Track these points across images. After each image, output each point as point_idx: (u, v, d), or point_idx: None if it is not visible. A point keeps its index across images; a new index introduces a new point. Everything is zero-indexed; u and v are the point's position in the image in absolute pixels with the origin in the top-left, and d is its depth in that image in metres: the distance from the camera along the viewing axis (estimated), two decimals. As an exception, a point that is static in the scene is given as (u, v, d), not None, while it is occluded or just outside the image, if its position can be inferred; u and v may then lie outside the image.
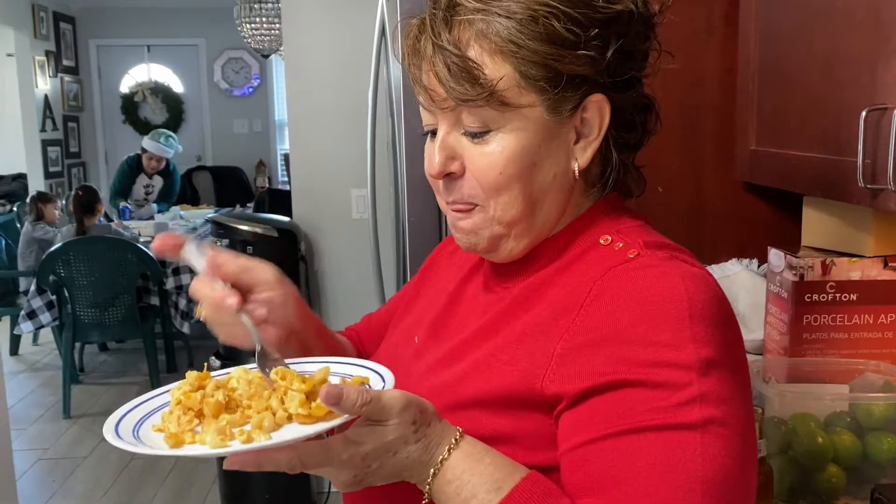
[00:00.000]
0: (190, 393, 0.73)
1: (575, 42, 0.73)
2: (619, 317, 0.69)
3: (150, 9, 7.64)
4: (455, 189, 0.79)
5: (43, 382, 4.70)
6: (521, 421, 0.72)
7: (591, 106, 0.76)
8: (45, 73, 7.00)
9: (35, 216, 4.84)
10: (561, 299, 0.75)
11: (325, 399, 0.63)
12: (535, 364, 0.72)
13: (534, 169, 0.76)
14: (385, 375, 0.74)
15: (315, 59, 3.09)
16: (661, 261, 0.73)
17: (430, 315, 0.91)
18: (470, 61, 0.72)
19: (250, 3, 4.65)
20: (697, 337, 0.67)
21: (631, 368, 0.67)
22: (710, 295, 0.71)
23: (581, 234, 0.80)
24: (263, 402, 0.71)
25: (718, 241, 1.58)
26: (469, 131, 0.76)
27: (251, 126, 8.00)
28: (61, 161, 7.30)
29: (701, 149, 1.58)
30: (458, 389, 0.76)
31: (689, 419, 0.65)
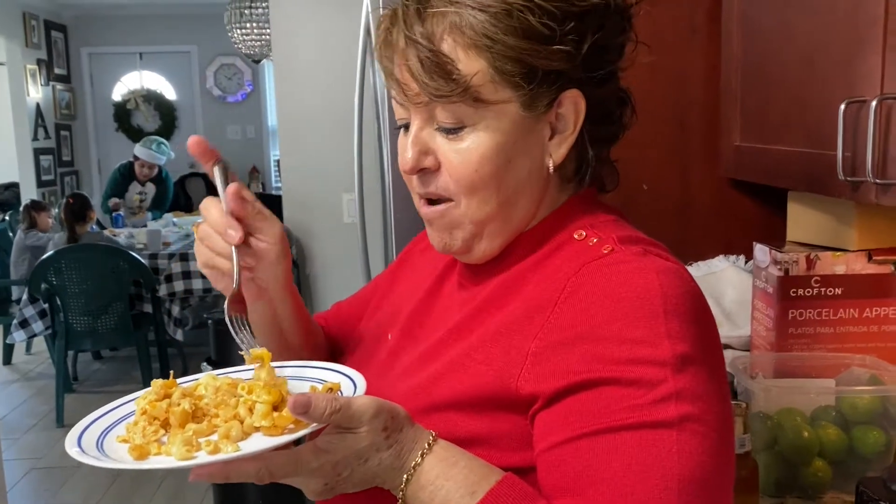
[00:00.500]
0: (155, 402, 0.71)
1: (550, 36, 0.71)
2: (594, 314, 0.69)
3: (141, 16, 7.63)
4: (430, 183, 0.78)
5: (36, 391, 4.68)
6: (496, 422, 0.71)
7: (567, 101, 0.75)
8: (36, 81, 6.99)
9: (28, 224, 4.82)
10: (535, 296, 0.74)
11: (293, 409, 0.62)
12: (509, 363, 0.71)
13: (508, 166, 0.75)
14: (357, 381, 0.73)
15: (304, 64, 3.09)
16: (635, 256, 0.72)
17: (404, 312, 0.90)
18: (443, 56, 0.71)
19: (240, 8, 4.64)
20: (672, 333, 0.67)
21: (606, 366, 0.67)
22: (685, 290, 0.70)
23: (556, 229, 0.79)
24: (231, 410, 0.69)
25: (705, 238, 1.58)
26: (443, 127, 0.75)
27: (244, 132, 7.99)
28: (54, 169, 7.29)
29: (686, 146, 1.58)
30: (432, 391, 0.75)
31: (665, 417, 0.65)
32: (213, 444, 0.65)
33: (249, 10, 4.62)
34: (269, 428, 0.66)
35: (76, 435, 0.69)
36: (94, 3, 7.40)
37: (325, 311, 1.09)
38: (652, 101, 1.59)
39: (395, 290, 0.98)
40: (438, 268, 0.91)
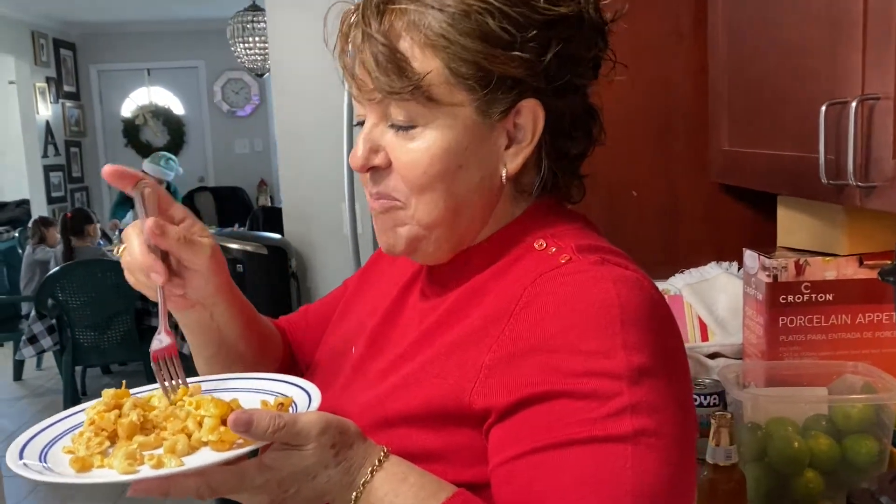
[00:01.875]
0: (104, 413, 0.70)
1: (509, 42, 0.69)
2: (548, 325, 0.67)
3: (149, 32, 7.70)
4: (380, 182, 0.76)
5: (44, 407, 4.69)
6: (451, 437, 0.70)
7: (525, 111, 0.73)
8: (46, 99, 7.06)
9: (38, 239, 4.86)
10: (492, 308, 0.72)
11: (233, 426, 0.60)
12: (463, 377, 0.70)
13: (459, 171, 0.73)
14: (312, 394, 0.71)
15: (301, 76, 3.09)
16: (592, 265, 0.71)
17: (369, 324, 0.88)
18: (397, 53, 0.70)
19: (242, 22, 4.67)
20: (629, 343, 0.65)
21: (559, 378, 0.65)
22: (644, 299, 0.68)
23: (515, 239, 0.78)
24: (179, 423, 0.68)
25: (696, 245, 1.56)
26: (395, 124, 0.73)
27: (252, 145, 8.03)
28: (64, 186, 7.35)
29: (674, 151, 1.56)
30: (386, 405, 0.74)
31: (619, 431, 0.63)
32: (157, 458, 0.64)
33: (252, 25, 4.64)
34: (217, 443, 0.65)
35: (19, 446, 0.67)
36: (102, 21, 7.48)
37: (291, 315, 1.07)
38: (639, 106, 1.58)
39: (362, 299, 0.96)
40: (404, 278, 0.89)
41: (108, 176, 0.78)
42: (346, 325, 0.94)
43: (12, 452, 0.66)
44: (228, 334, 0.88)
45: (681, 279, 1.51)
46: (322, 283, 3.21)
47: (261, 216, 5.36)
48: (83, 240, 4.46)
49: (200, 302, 0.83)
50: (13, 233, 6.20)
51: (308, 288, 3.21)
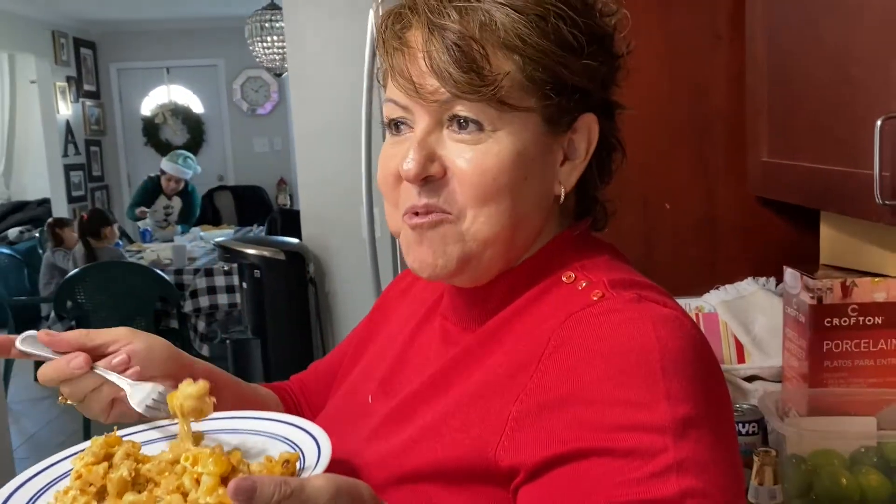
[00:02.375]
0: (92, 465, 0.63)
1: (579, 49, 0.67)
2: (581, 373, 0.61)
3: (168, 31, 7.69)
4: (433, 193, 0.68)
5: (65, 408, 4.54)
6: (475, 495, 0.63)
7: (582, 126, 0.70)
8: (66, 98, 7.08)
9: (54, 242, 4.86)
10: (518, 350, 0.66)
11: (233, 495, 0.53)
12: (487, 430, 0.63)
13: (524, 183, 0.68)
14: (322, 445, 0.64)
15: (319, 76, 3.04)
16: (628, 303, 0.64)
17: (381, 368, 0.81)
18: (476, 44, 0.64)
19: (261, 21, 4.62)
20: (672, 393, 0.58)
21: (596, 434, 0.58)
22: (686, 342, 0.62)
23: (544, 269, 0.72)
24: (175, 480, 0.61)
25: (732, 260, 1.48)
26: (460, 124, 0.67)
27: (272, 144, 8.01)
28: (84, 185, 7.37)
29: (711, 161, 1.48)
30: (403, 460, 0.67)
31: (665, 493, 0.56)
32: None
33: (269, 24, 4.59)
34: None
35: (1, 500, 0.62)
36: (121, 20, 7.48)
37: (302, 373, 1.02)
38: (673, 113, 1.50)
39: (374, 341, 0.90)
40: (419, 313, 0.83)
41: None
42: (357, 371, 0.88)
43: None
44: None
45: (716, 296, 1.43)
46: (340, 288, 3.16)
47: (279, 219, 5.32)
48: (101, 241, 4.45)
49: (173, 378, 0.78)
50: (34, 232, 6.22)
51: (326, 293, 3.16)
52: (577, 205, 0.75)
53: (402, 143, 0.70)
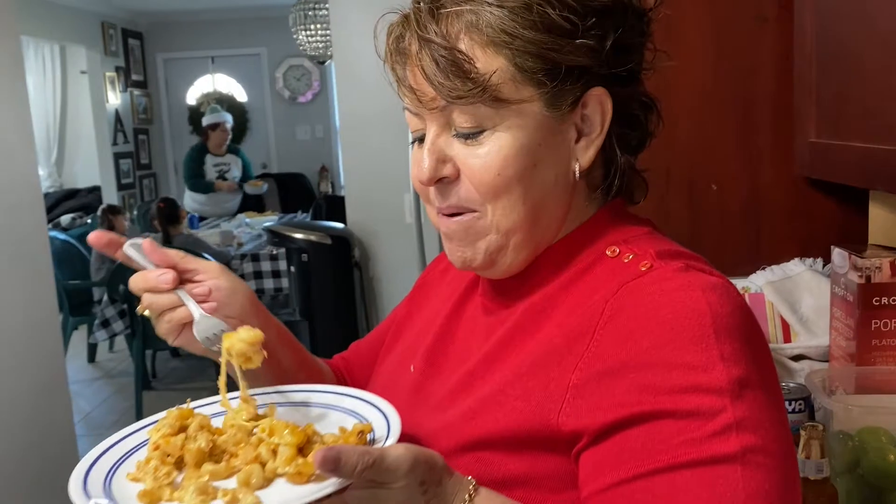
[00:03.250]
0: (169, 436, 0.66)
1: (571, 31, 0.68)
2: (638, 339, 0.63)
3: (213, 21, 7.82)
4: (450, 194, 0.73)
5: (118, 389, 4.85)
6: (536, 461, 0.66)
7: (592, 101, 0.71)
8: (115, 88, 7.24)
9: (106, 228, 5.00)
10: (572, 322, 0.69)
11: (320, 465, 0.55)
12: (548, 398, 0.66)
13: (534, 170, 0.70)
14: (391, 418, 0.67)
15: (364, 63, 3.08)
16: (677, 272, 0.67)
17: (425, 341, 0.84)
18: (459, 53, 0.67)
19: (304, 10, 4.69)
20: (726, 355, 0.61)
21: (657, 397, 0.61)
22: (734, 306, 0.65)
23: (585, 244, 0.74)
24: (252, 451, 0.64)
25: (779, 240, 1.49)
26: (461, 132, 0.70)
27: (313, 132, 8.09)
28: (133, 173, 7.54)
29: (757, 142, 1.49)
30: (466, 429, 0.70)
31: (727, 450, 0.59)
32: (231, 493, 0.60)
33: (313, 12, 4.65)
34: (293, 475, 0.61)
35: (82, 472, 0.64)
36: (168, 10, 7.63)
37: (344, 353, 1.05)
38: (720, 95, 1.51)
39: (415, 317, 0.93)
40: (458, 290, 0.86)
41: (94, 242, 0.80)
42: (400, 347, 0.91)
43: (76, 483, 0.63)
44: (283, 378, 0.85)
45: (762, 276, 1.44)
46: (384, 272, 3.22)
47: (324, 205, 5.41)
48: (177, 227, 4.54)
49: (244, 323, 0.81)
50: (86, 219, 6.40)
51: (370, 277, 3.22)
52: (604, 178, 0.76)
53: (422, 151, 0.73)
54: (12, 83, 2.39)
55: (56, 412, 2.55)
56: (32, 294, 2.46)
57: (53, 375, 2.55)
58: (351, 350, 1.04)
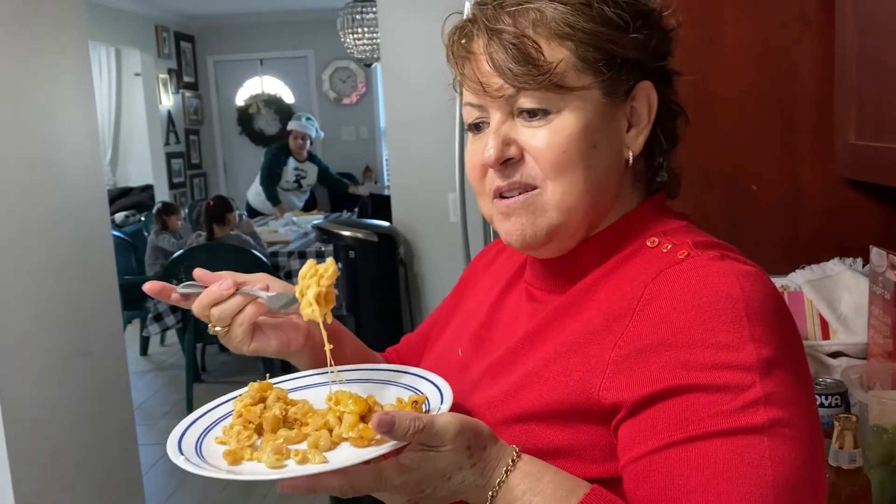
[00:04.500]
0: (250, 406, 0.75)
1: (624, 27, 0.75)
2: (674, 320, 0.68)
3: (262, 24, 7.99)
4: (513, 173, 0.78)
5: (169, 381, 5.01)
6: (578, 433, 0.72)
7: (640, 93, 0.79)
8: (167, 89, 7.45)
9: (160, 226, 5.16)
10: (611, 305, 0.74)
11: (377, 427, 0.63)
12: (589, 373, 0.71)
13: (594, 151, 0.76)
14: (444, 391, 0.74)
15: (412, 66, 3.15)
16: (713, 260, 0.72)
17: (471, 327, 0.90)
18: (529, 41, 0.74)
19: (352, 14, 4.78)
20: (756, 336, 0.66)
21: (690, 373, 0.66)
22: (767, 293, 0.69)
23: (628, 235, 0.80)
24: (320, 418, 0.72)
25: (818, 240, 1.51)
26: (527, 111, 0.76)
27: (358, 133, 8.22)
28: (184, 172, 7.75)
29: (797, 143, 1.52)
30: (511, 403, 0.76)
31: (755, 422, 0.64)
32: (302, 454, 0.68)
33: (361, 16, 4.74)
34: (356, 439, 0.68)
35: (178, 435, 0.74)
36: (218, 14, 7.82)
37: (396, 345, 1.11)
38: (760, 96, 1.54)
39: (461, 307, 0.99)
40: (502, 281, 0.92)
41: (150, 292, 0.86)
42: (448, 333, 0.97)
43: (172, 443, 0.72)
44: None
45: (801, 275, 1.47)
46: (428, 270, 3.29)
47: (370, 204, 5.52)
48: (223, 227, 4.64)
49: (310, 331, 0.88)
50: (139, 216, 6.60)
51: (415, 274, 3.29)
52: (646, 171, 0.83)
53: (482, 139, 0.79)
54: (81, 86, 2.51)
55: (116, 402, 2.67)
56: (97, 289, 2.57)
57: (115, 367, 2.67)
58: (402, 343, 1.11)
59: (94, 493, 2.46)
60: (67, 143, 2.42)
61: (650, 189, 0.83)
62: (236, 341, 0.86)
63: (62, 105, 2.41)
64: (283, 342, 0.87)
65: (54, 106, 2.37)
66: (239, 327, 0.84)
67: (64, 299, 2.36)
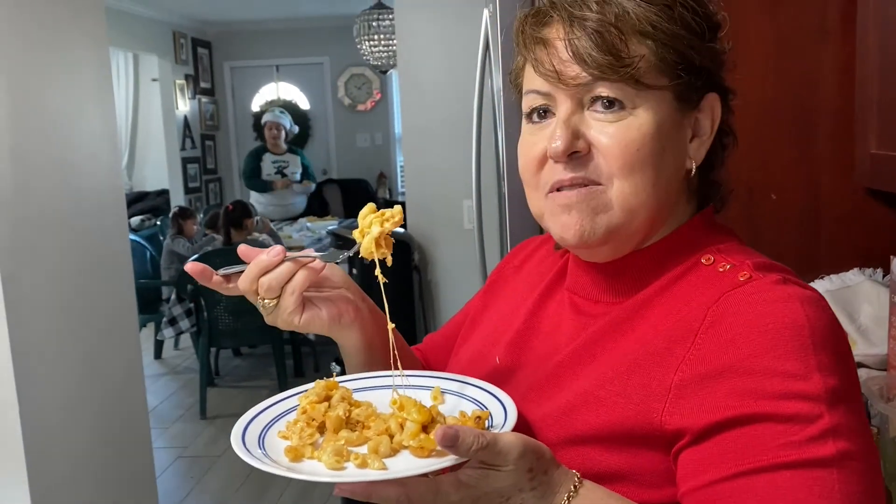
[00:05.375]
0: (315, 403, 0.75)
1: (701, 34, 0.75)
2: (740, 346, 0.67)
3: (278, 31, 8.05)
4: (578, 167, 0.75)
5: (183, 385, 5.03)
6: (636, 457, 0.70)
7: (707, 105, 0.78)
8: (184, 95, 7.51)
9: (176, 230, 5.19)
10: (670, 326, 0.72)
11: (440, 441, 0.61)
12: (650, 397, 0.69)
13: (663, 154, 0.75)
14: (508, 409, 0.72)
15: (427, 74, 3.17)
16: (776, 284, 0.71)
17: (507, 334, 0.88)
18: (615, 29, 0.72)
19: (368, 21, 4.81)
20: (823, 366, 0.65)
21: (758, 401, 0.65)
22: (829, 320, 0.69)
23: (680, 251, 0.78)
24: (383, 423, 0.71)
25: (838, 250, 1.50)
26: (605, 103, 0.74)
27: (373, 139, 8.25)
28: (199, 177, 7.80)
29: (817, 153, 1.51)
30: (565, 423, 0.74)
31: (824, 454, 0.63)
32: (361, 458, 0.67)
33: (377, 23, 4.77)
34: (416, 448, 0.67)
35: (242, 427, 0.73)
36: (235, 20, 7.88)
37: (419, 345, 1.09)
38: (781, 106, 1.53)
39: (491, 311, 0.96)
40: (539, 286, 0.90)
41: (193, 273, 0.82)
42: (477, 337, 0.94)
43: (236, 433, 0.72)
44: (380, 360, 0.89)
45: (820, 285, 1.46)
46: (442, 276, 3.29)
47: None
48: (241, 232, 4.68)
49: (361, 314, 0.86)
50: (155, 220, 6.65)
51: (429, 281, 3.30)
52: (700, 185, 0.82)
53: (543, 129, 0.77)
54: (101, 91, 2.54)
55: (132, 405, 2.68)
56: (114, 292, 2.59)
57: (131, 371, 2.69)
58: (426, 342, 1.09)
59: (108, 495, 2.47)
60: (87, 147, 2.44)
61: (701, 204, 0.82)
62: (286, 313, 0.81)
63: (82, 110, 2.43)
64: (335, 315, 0.84)
65: (75, 111, 2.39)
66: (290, 296, 0.80)
67: (81, 302, 2.38)
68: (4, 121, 2.04)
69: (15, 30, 2.11)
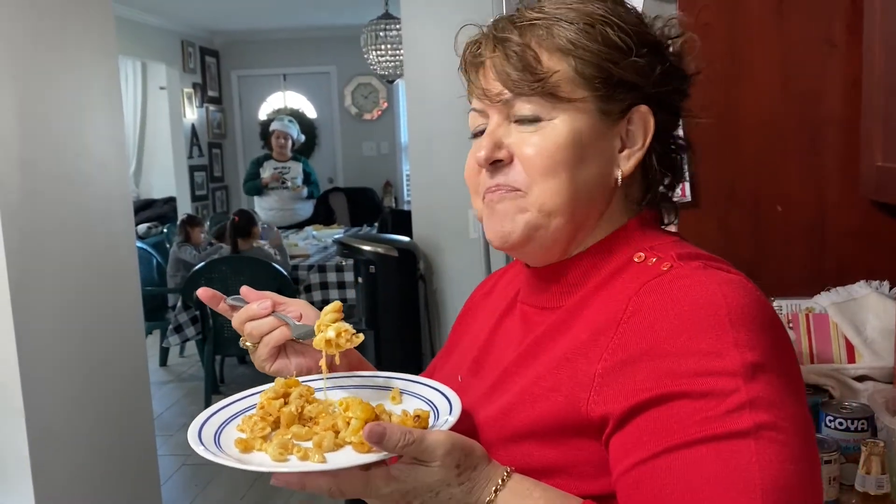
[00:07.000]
0: (272, 399, 0.78)
1: (627, 50, 0.78)
2: (657, 329, 0.69)
3: (285, 40, 8.09)
4: (500, 174, 0.80)
5: (188, 392, 5.04)
6: (571, 450, 0.72)
7: (637, 117, 0.80)
8: (192, 103, 7.55)
9: (183, 238, 5.21)
10: (598, 319, 0.75)
11: (367, 437, 0.65)
12: (577, 387, 0.72)
13: (580, 163, 0.78)
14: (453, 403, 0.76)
15: (434, 83, 3.18)
16: (695, 270, 0.73)
17: (470, 354, 0.92)
18: (529, 49, 0.77)
19: (376, 31, 4.83)
20: (740, 342, 0.66)
21: (674, 381, 0.66)
22: (750, 299, 0.70)
23: (614, 250, 0.81)
24: (331, 420, 0.74)
25: (844, 263, 1.50)
26: (521, 119, 0.79)
27: (379, 148, 8.27)
28: (206, 185, 7.83)
29: (823, 165, 1.51)
30: (504, 423, 0.77)
31: (740, 426, 0.64)
32: (304, 451, 0.70)
33: (384, 33, 4.79)
34: (358, 444, 0.70)
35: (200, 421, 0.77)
36: (243, 30, 7.92)
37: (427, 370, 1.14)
38: (786, 118, 1.54)
39: (462, 338, 1.01)
40: (500, 307, 0.93)
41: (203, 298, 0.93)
42: (451, 363, 0.99)
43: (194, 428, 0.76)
44: None
45: (826, 298, 1.46)
46: (448, 285, 3.29)
47: (389, 219, 5.57)
48: (247, 241, 4.68)
49: None
50: (161, 228, 6.67)
51: (434, 290, 3.30)
52: (642, 195, 0.84)
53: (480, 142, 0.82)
54: (110, 100, 2.55)
55: (137, 412, 2.69)
56: (121, 299, 2.60)
57: (136, 378, 2.70)
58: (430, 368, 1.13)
59: (112, 502, 2.48)
60: (95, 155, 2.46)
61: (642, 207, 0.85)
62: (260, 359, 0.92)
63: (91, 118, 2.45)
64: (303, 368, 0.92)
65: (83, 119, 2.41)
66: (265, 347, 0.91)
67: (88, 309, 2.39)
68: (13, 128, 2.06)
69: (24, 38, 2.13)
